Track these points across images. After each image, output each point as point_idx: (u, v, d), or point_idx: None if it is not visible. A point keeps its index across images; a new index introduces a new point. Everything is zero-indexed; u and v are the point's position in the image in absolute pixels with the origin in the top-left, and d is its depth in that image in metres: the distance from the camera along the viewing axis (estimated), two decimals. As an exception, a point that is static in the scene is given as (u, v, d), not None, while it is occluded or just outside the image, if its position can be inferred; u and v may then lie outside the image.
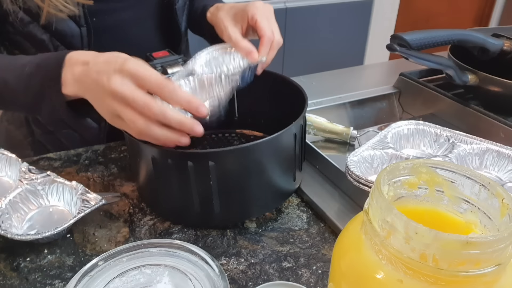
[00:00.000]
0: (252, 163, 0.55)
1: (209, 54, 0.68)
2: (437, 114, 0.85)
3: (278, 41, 0.68)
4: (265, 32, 0.65)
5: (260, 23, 0.66)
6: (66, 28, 0.70)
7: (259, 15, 0.66)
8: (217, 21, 0.72)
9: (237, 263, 0.54)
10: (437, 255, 0.26)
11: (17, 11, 0.66)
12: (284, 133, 0.55)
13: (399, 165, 0.33)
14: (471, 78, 0.78)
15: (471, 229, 0.32)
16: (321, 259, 0.54)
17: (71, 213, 0.60)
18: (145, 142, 0.54)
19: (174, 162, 0.53)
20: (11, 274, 0.53)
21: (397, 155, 0.63)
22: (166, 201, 0.59)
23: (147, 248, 0.43)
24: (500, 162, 0.62)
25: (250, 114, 0.76)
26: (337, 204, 0.62)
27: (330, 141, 0.77)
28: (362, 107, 0.89)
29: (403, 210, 0.28)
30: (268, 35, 0.66)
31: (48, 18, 0.66)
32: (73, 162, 0.74)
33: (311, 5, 2.24)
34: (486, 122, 0.75)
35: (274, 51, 0.68)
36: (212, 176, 0.53)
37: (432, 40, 0.72)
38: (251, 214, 0.61)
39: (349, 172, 0.57)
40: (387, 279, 0.28)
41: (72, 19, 0.69)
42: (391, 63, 1.20)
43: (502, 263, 0.27)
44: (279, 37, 0.68)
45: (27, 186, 0.61)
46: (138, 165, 0.59)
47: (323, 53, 2.39)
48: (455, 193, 0.33)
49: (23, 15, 0.67)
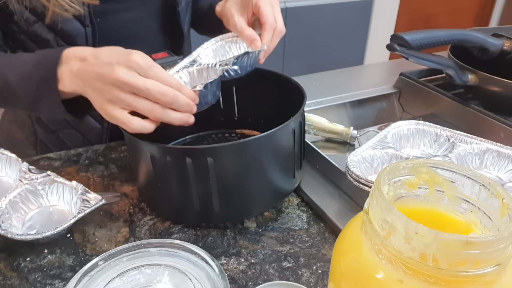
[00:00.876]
0: (251, 160, 0.55)
1: (216, 43, 0.68)
2: (437, 114, 0.85)
3: (281, 29, 0.67)
4: (267, 18, 0.65)
5: (263, 10, 0.66)
6: (71, 27, 0.70)
7: (263, 2, 0.66)
8: (224, 12, 0.72)
9: (237, 263, 0.54)
10: (437, 255, 0.26)
11: (23, 11, 0.66)
12: (282, 129, 0.55)
13: (399, 165, 0.33)
14: (471, 78, 0.78)
15: (471, 229, 0.32)
16: (321, 259, 0.54)
17: (71, 213, 0.60)
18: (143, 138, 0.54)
19: (172, 159, 0.53)
20: (11, 274, 0.53)
21: (397, 155, 0.63)
22: (166, 200, 0.58)
23: (147, 248, 0.43)
24: (500, 162, 0.62)
25: (250, 114, 0.76)
26: (337, 204, 0.62)
27: (330, 141, 0.77)
28: (362, 107, 0.89)
29: (403, 210, 0.28)
30: (270, 22, 0.66)
31: (53, 18, 0.66)
32: (73, 162, 0.74)
33: (311, 5, 2.24)
34: (486, 122, 0.75)
35: (276, 38, 0.67)
36: (211, 173, 0.53)
37: (432, 40, 0.72)
38: (251, 212, 0.61)
39: (349, 172, 0.57)
40: (387, 279, 0.28)
41: (77, 18, 0.69)
42: (391, 63, 1.20)
43: (502, 263, 0.27)
44: (282, 25, 0.67)
45: (27, 186, 0.61)
46: (137, 163, 0.59)
47: (323, 53, 2.39)
48: (455, 193, 0.33)
49: (29, 14, 0.67)
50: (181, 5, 0.80)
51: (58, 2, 0.63)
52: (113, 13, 0.75)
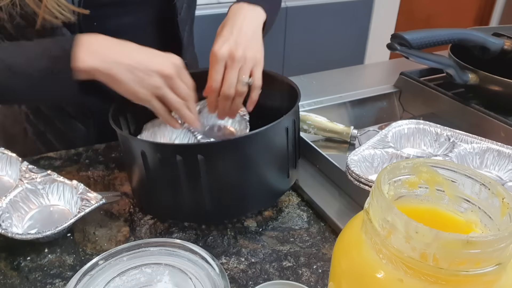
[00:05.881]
0: (242, 158, 0.54)
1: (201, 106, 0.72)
2: (437, 114, 0.84)
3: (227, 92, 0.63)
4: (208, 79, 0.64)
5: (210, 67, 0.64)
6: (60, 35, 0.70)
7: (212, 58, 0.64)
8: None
9: (237, 262, 0.54)
10: (437, 255, 0.26)
11: (14, 16, 0.66)
12: (274, 127, 0.54)
13: (400, 164, 0.33)
14: (472, 78, 0.78)
15: (472, 229, 0.32)
16: (321, 259, 0.54)
17: (71, 212, 0.60)
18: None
19: (163, 156, 0.53)
20: (12, 273, 0.53)
21: (398, 154, 0.63)
22: (158, 199, 0.58)
23: (148, 247, 0.43)
24: (500, 161, 0.62)
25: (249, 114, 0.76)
26: (338, 204, 0.62)
27: (330, 140, 0.77)
28: (362, 106, 0.89)
29: (403, 209, 0.28)
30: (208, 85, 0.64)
31: (43, 24, 0.66)
32: (73, 161, 0.74)
33: (311, 4, 2.24)
34: (486, 122, 0.75)
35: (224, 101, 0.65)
36: (202, 171, 0.52)
37: (433, 39, 0.72)
38: (244, 212, 0.61)
39: (350, 171, 0.57)
40: (388, 279, 0.28)
41: (67, 26, 0.69)
42: (392, 62, 1.20)
43: (503, 263, 0.27)
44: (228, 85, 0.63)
45: (28, 185, 0.61)
46: (130, 162, 0.59)
47: (323, 52, 2.39)
48: (455, 192, 0.33)
49: (20, 20, 0.67)
50: (180, 15, 0.80)
51: (48, 9, 0.63)
52: (109, 18, 0.74)
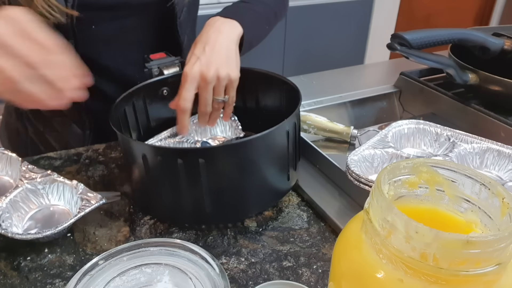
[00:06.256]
0: (243, 162, 0.54)
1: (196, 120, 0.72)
2: (437, 113, 0.84)
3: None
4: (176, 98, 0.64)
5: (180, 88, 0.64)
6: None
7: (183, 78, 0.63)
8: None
9: (237, 262, 0.54)
10: (437, 255, 0.26)
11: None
12: (275, 131, 0.55)
13: (400, 164, 0.33)
14: (472, 77, 0.78)
15: (472, 229, 0.32)
16: (321, 259, 0.54)
17: (71, 212, 0.60)
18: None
19: (164, 160, 0.53)
20: (12, 273, 0.53)
21: (398, 154, 0.63)
22: (158, 201, 0.58)
23: (148, 247, 0.43)
24: (500, 161, 0.62)
25: (247, 116, 0.75)
26: (338, 204, 0.62)
27: (330, 140, 0.77)
28: (362, 106, 0.89)
29: (403, 209, 0.28)
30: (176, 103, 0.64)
31: None
32: (73, 161, 0.74)
33: (311, 4, 2.24)
34: (486, 121, 0.75)
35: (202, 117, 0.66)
36: (202, 174, 0.53)
37: (433, 39, 0.72)
38: (244, 215, 0.61)
39: (350, 171, 0.57)
40: (388, 279, 0.28)
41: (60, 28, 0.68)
42: (392, 62, 1.20)
43: (503, 263, 0.27)
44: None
45: (28, 185, 0.61)
46: (130, 166, 0.59)
47: (323, 52, 2.39)
48: (455, 192, 0.33)
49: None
50: (179, 19, 0.79)
51: (39, 9, 0.63)
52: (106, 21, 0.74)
